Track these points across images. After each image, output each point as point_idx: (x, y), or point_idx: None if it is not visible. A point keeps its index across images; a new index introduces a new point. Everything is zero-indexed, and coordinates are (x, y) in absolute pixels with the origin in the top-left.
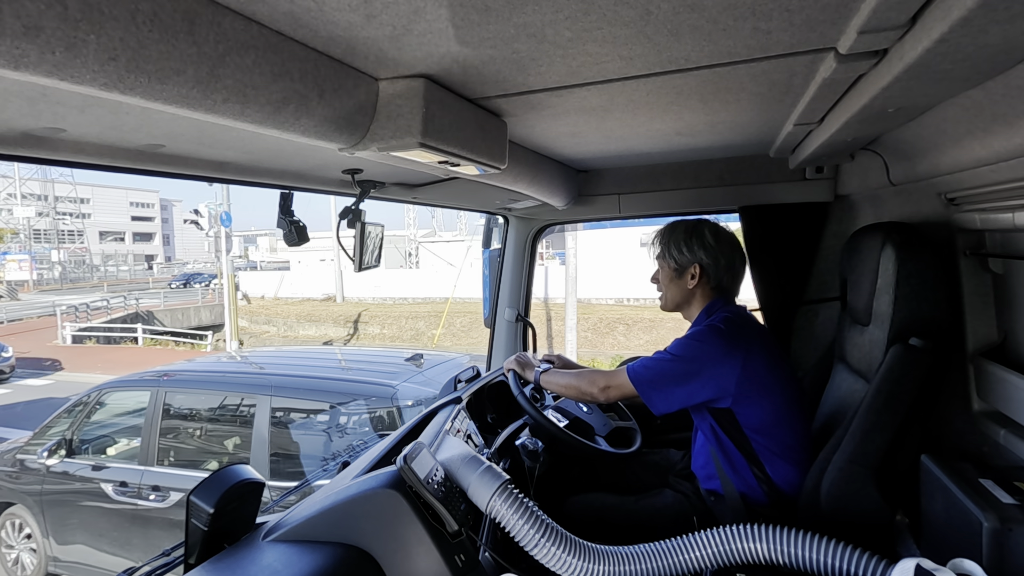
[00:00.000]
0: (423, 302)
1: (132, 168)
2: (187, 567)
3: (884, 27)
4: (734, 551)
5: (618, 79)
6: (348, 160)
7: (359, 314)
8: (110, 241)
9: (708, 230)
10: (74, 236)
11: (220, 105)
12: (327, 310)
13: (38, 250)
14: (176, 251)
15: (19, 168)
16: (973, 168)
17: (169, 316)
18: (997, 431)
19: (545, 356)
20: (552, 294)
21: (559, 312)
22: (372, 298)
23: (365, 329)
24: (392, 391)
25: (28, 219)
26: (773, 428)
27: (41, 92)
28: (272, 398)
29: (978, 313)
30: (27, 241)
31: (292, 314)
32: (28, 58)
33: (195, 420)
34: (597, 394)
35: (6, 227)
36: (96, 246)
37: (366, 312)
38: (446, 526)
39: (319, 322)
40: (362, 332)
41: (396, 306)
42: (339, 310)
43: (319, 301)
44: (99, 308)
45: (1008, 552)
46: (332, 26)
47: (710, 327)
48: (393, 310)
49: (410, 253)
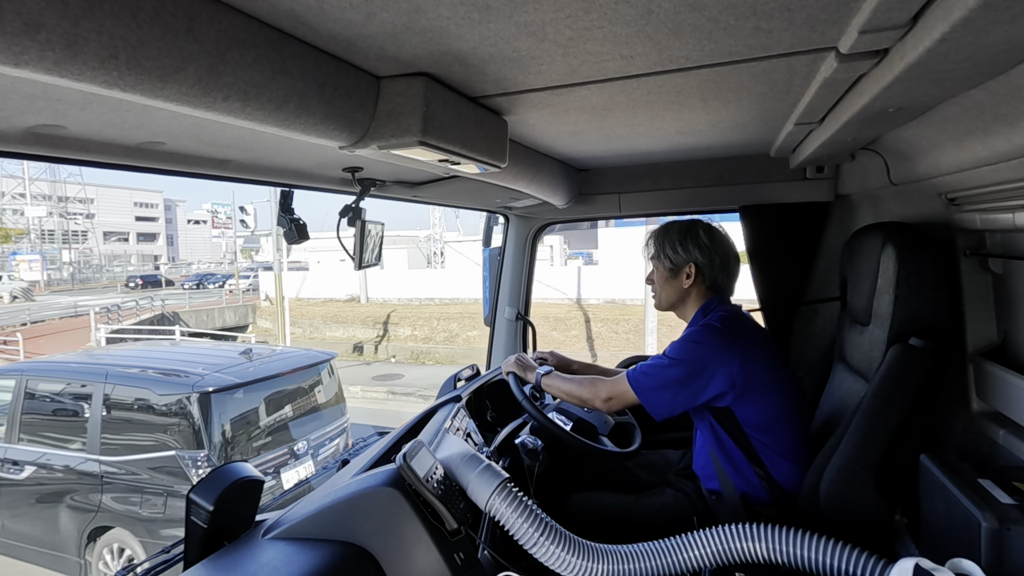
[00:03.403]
0: (452, 303)
1: (132, 165)
2: (187, 564)
3: (885, 27)
4: (733, 550)
5: (619, 78)
6: (348, 158)
7: (388, 315)
8: (114, 241)
9: (702, 230)
10: (78, 236)
11: (220, 103)
12: (352, 311)
13: (46, 250)
14: (180, 251)
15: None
16: (974, 168)
17: (194, 317)
18: (996, 431)
19: (538, 353)
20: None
21: (597, 314)
22: (398, 299)
23: (395, 331)
24: (199, 379)
25: (40, 219)
26: (773, 426)
27: (41, 89)
28: (105, 386)
29: (978, 313)
30: (37, 242)
31: (317, 315)
32: (28, 55)
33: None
34: (600, 405)
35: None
36: (100, 247)
37: (395, 313)
38: (445, 524)
39: (346, 323)
40: (392, 334)
41: (423, 307)
42: (365, 311)
43: (343, 302)
44: (129, 309)
45: (1006, 552)
46: (333, 24)
47: (706, 327)
48: (422, 311)
49: (436, 253)
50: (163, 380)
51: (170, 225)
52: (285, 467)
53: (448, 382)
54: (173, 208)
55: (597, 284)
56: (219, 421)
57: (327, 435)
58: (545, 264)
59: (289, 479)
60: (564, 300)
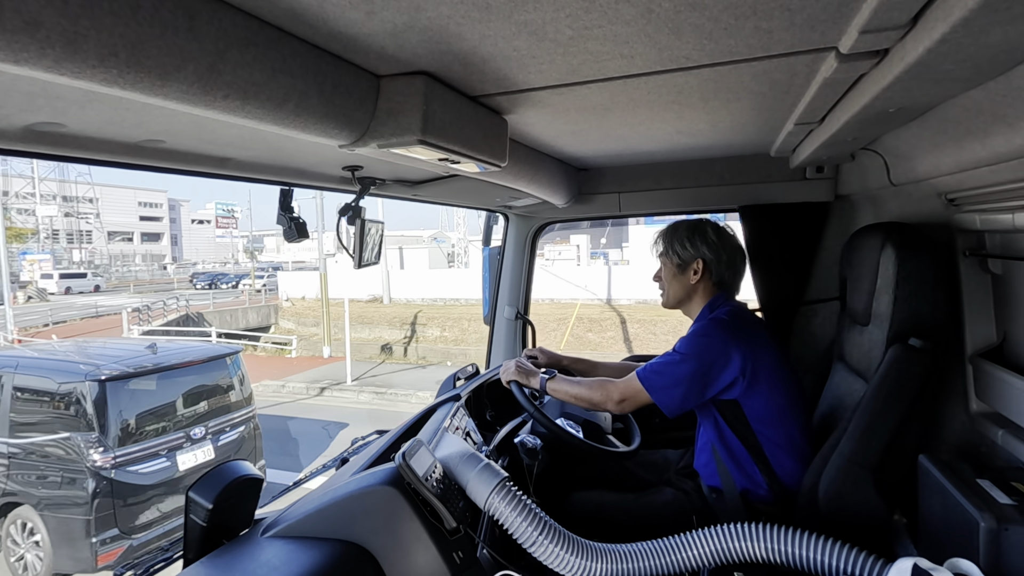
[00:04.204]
0: (478, 303)
1: (132, 163)
2: (186, 562)
3: (885, 27)
4: (732, 550)
5: (619, 77)
6: (348, 157)
7: (415, 315)
8: (118, 241)
9: (710, 228)
10: (83, 236)
11: (220, 101)
12: (377, 312)
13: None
14: (184, 251)
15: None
16: (973, 169)
17: (218, 318)
18: (995, 431)
19: (527, 352)
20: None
21: (632, 315)
22: (421, 299)
23: (423, 332)
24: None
25: (51, 218)
26: (779, 419)
27: (41, 87)
28: (15, 376)
29: (977, 314)
30: (46, 242)
31: (341, 316)
32: (28, 53)
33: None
34: (612, 408)
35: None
36: (105, 246)
37: (421, 314)
38: (444, 523)
39: (371, 324)
40: (420, 335)
41: (449, 307)
42: (390, 311)
43: (365, 302)
44: (158, 309)
45: (1004, 552)
46: (333, 22)
47: (714, 320)
48: (448, 311)
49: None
50: (63, 370)
51: (174, 225)
52: (180, 450)
53: (447, 381)
54: (177, 208)
55: (629, 284)
56: (114, 406)
57: (229, 422)
58: (571, 264)
59: (185, 461)
60: (594, 300)
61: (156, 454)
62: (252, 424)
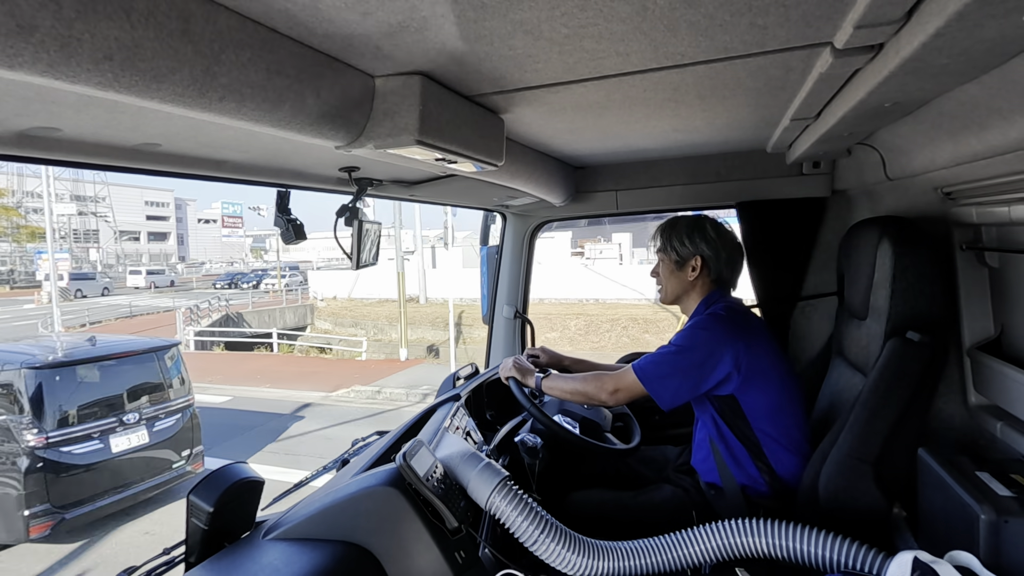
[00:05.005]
0: None
1: (129, 167)
2: (188, 566)
3: (880, 22)
4: (732, 545)
5: (615, 75)
6: (345, 158)
7: (459, 315)
8: (126, 240)
9: (709, 224)
10: (91, 235)
11: (216, 103)
12: (415, 311)
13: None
14: (190, 251)
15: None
16: (969, 162)
17: (256, 318)
18: (994, 424)
19: (529, 351)
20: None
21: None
22: (459, 298)
23: (469, 332)
24: (30, 358)
25: (69, 216)
26: (777, 414)
27: (36, 92)
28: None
29: (975, 307)
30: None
31: (379, 316)
32: (22, 57)
33: None
34: (606, 399)
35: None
36: (114, 245)
37: (464, 313)
38: (446, 523)
39: (412, 324)
40: (467, 336)
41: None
42: (428, 311)
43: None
44: (204, 309)
45: (1004, 544)
46: (327, 23)
47: (711, 315)
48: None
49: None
50: (2, 359)
51: (181, 224)
52: (114, 433)
53: (447, 381)
54: (183, 207)
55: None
56: (50, 393)
57: (165, 410)
58: (613, 263)
59: (119, 444)
60: (642, 300)
61: (89, 436)
62: (190, 412)
